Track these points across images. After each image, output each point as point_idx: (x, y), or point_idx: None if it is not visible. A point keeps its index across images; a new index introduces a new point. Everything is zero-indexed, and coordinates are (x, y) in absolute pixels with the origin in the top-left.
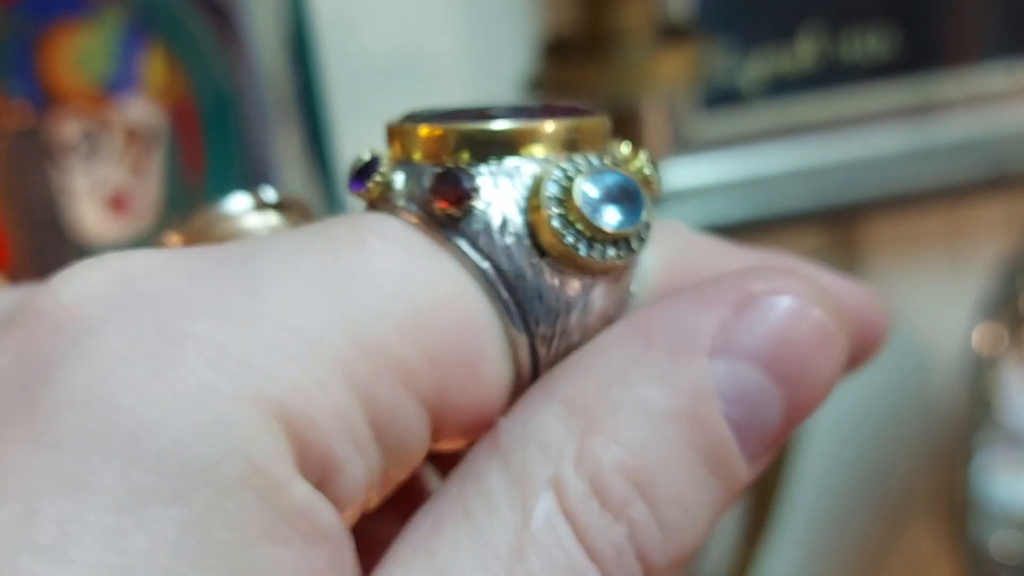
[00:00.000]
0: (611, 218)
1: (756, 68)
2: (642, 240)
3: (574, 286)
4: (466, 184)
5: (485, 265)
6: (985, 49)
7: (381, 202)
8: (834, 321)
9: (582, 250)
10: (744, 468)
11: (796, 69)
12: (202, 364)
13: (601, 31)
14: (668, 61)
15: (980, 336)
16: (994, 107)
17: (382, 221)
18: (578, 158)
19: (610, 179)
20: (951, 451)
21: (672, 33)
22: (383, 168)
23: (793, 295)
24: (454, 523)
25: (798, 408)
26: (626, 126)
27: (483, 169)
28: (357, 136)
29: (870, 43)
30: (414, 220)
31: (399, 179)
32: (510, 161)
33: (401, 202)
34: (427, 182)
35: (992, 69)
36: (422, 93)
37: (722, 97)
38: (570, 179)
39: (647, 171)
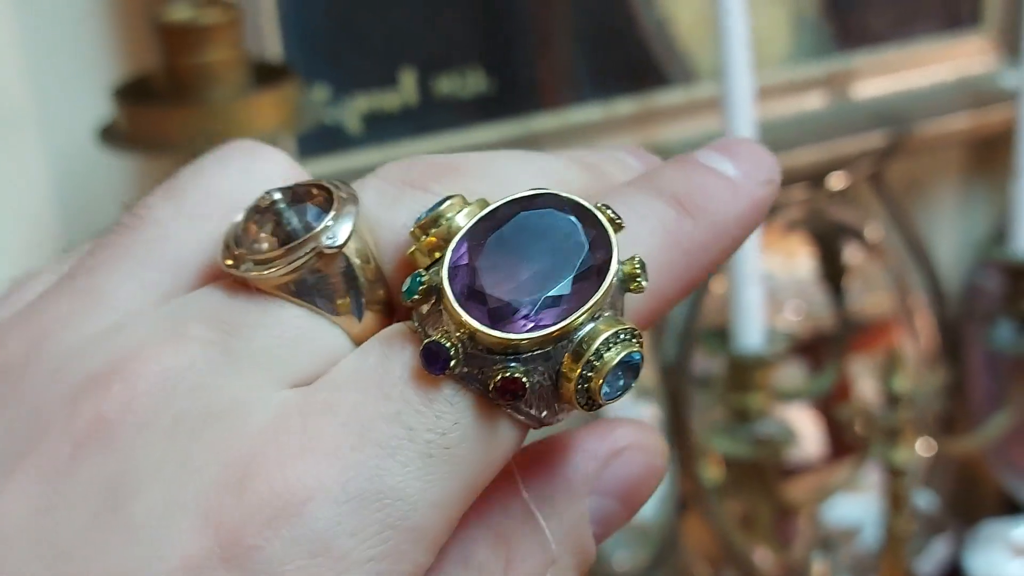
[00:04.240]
0: (613, 390)
1: (354, 110)
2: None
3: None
4: (524, 384)
5: (520, 418)
6: (578, 86)
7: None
8: (662, 462)
9: (583, 407)
10: None
11: (394, 111)
12: None
13: (185, 72)
14: (262, 103)
15: None
16: (589, 139)
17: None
18: (609, 330)
19: (630, 358)
20: None
21: (266, 75)
22: (453, 361)
23: (643, 451)
24: None
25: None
26: None
27: (536, 358)
28: None
29: (468, 83)
30: (475, 395)
31: (464, 368)
32: (554, 347)
33: (462, 372)
34: (491, 382)
35: (586, 104)
36: None
37: (320, 140)
38: (608, 349)
39: (638, 275)
